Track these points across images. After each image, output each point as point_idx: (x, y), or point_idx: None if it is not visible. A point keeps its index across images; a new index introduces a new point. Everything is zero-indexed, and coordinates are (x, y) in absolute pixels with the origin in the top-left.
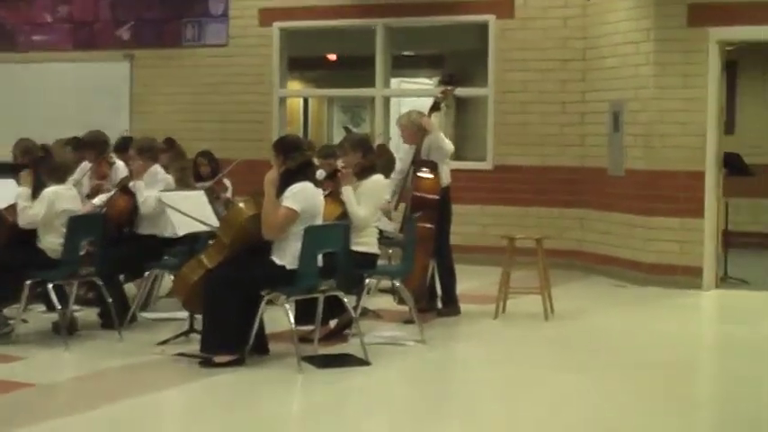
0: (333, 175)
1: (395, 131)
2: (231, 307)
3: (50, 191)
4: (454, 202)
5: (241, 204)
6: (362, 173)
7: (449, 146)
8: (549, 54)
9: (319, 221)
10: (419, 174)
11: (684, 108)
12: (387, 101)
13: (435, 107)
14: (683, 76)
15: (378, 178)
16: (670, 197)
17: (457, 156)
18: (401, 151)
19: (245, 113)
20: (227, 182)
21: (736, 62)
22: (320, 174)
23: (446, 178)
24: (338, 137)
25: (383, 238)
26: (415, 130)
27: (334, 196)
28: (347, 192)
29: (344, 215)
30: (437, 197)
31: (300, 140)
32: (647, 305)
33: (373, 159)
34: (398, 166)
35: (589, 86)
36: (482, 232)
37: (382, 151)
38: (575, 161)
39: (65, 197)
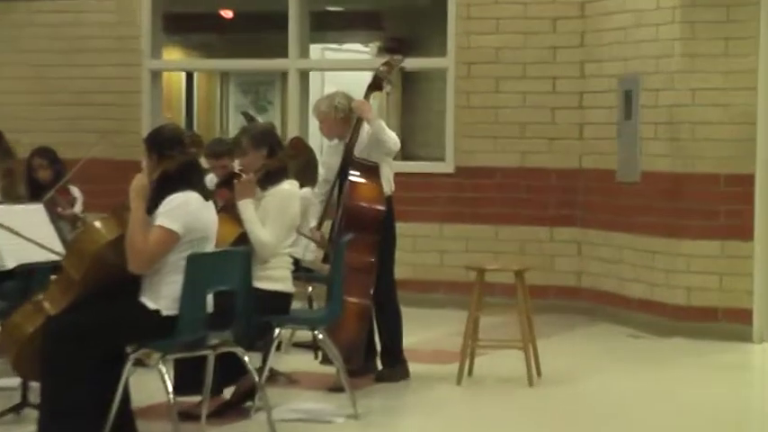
0: (228, 182)
1: (314, 124)
2: (82, 370)
3: None
4: (400, 220)
5: (97, 224)
6: (268, 179)
7: (393, 140)
8: (532, 10)
9: (210, 247)
10: (352, 178)
11: (726, 85)
12: (305, 76)
13: (376, 85)
14: (724, 40)
15: (290, 187)
16: (706, 211)
17: (403, 154)
18: (325, 154)
19: (102, 95)
20: (75, 191)
21: None
22: (210, 180)
23: (388, 185)
24: (235, 128)
25: (300, 271)
26: (341, 119)
27: (230, 211)
28: (245, 207)
29: (246, 238)
30: (379, 210)
31: (182, 133)
32: (674, 364)
33: (284, 159)
34: (323, 172)
35: (590, 55)
36: (440, 262)
37: (298, 148)
38: (570, 161)
39: None
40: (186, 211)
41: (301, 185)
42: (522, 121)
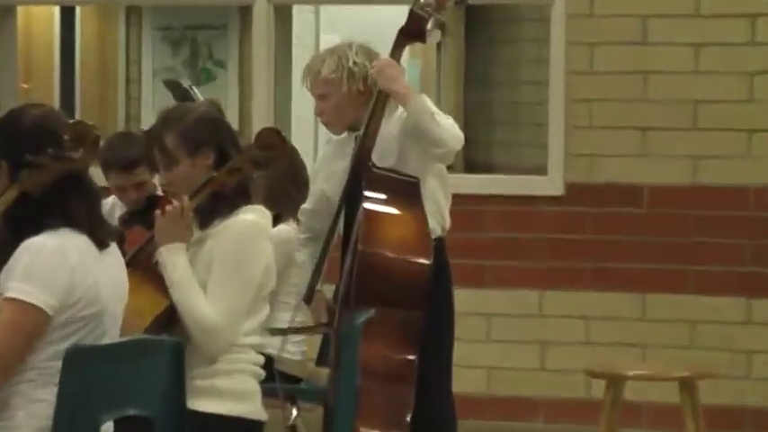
0: (144, 214)
1: (304, 103)
2: None
3: None
4: (464, 283)
5: None
6: (216, 206)
7: (450, 132)
8: None
9: (110, 334)
10: (369, 206)
11: None
12: (283, 15)
13: (413, 32)
14: None
15: (255, 219)
16: None
17: (466, 161)
18: (322, 158)
19: None
20: None
21: None
22: (111, 209)
23: (438, 219)
24: (155, 111)
25: (276, 380)
26: (357, 94)
27: (147, 268)
28: (173, 259)
29: (175, 317)
30: (421, 266)
31: (57, 122)
32: None
33: (244, 170)
34: (318, 194)
35: None
36: (538, 362)
37: (271, 148)
38: None
39: None
40: (62, 269)
41: (277, 217)
42: (692, 98)
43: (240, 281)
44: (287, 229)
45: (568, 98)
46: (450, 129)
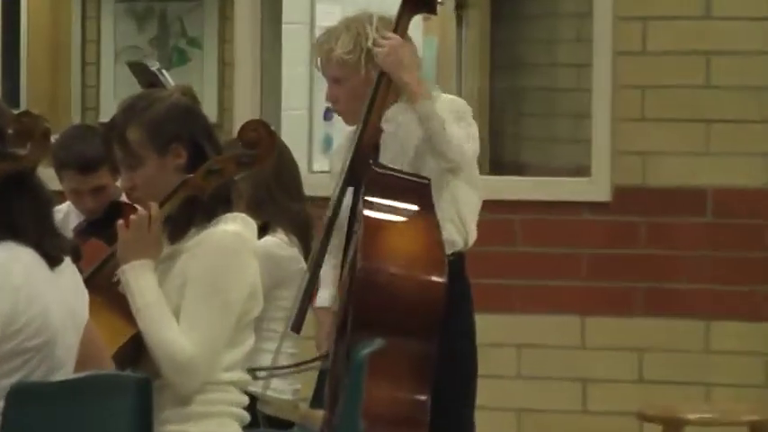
0: (104, 225)
1: (296, 90)
2: None
3: None
4: (490, 307)
5: None
6: (189, 216)
7: (457, 149)
8: None
9: (65, 369)
10: (370, 211)
11: None
12: None
13: (421, 1)
14: None
15: (237, 230)
16: None
17: (492, 161)
18: (330, 164)
19: None
20: None
21: None
22: (64, 218)
23: (459, 228)
24: (115, 101)
25: (261, 424)
26: (373, 77)
27: (107, 289)
28: (139, 281)
29: (142, 348)
30: (434, 285)
31: None
32: None
33: (225, 171)
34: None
35: None
36: (580, 403)
37: (257, 145)
38: None
39: None
40: (2, 289)
41: (263, 227)
42: (765, 84)
43: (219, 305)
44: (275, 241)
45: (616, 84)
46: (457, 143)
